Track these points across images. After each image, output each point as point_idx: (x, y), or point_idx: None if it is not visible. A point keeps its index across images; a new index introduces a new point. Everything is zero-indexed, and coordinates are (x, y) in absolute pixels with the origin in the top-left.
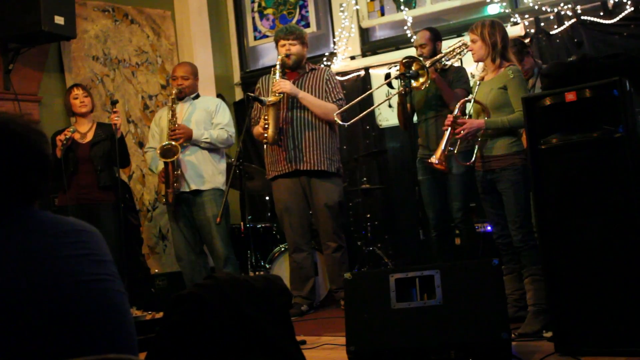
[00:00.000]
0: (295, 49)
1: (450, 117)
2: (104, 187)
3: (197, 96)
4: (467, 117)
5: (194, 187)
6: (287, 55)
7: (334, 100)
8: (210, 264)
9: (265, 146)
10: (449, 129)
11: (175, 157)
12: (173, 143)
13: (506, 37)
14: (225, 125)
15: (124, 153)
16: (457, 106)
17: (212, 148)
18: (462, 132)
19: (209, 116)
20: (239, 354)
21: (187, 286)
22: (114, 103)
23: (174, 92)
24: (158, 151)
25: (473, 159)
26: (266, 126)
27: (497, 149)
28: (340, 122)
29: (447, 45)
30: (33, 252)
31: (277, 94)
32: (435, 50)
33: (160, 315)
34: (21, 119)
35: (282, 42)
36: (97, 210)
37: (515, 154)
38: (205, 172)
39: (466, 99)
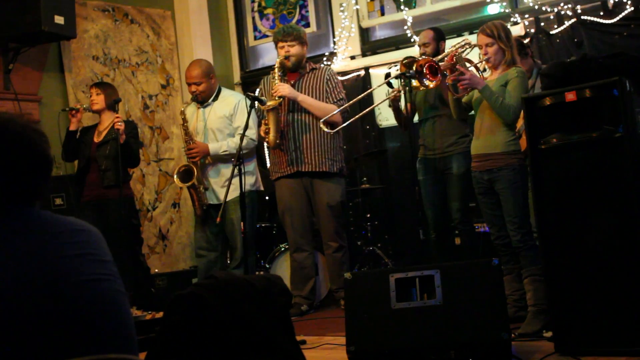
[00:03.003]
0: (295, 50)
1: (455, 51)
2: (108, 186)
3: (218, 94)
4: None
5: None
6: (287, 57)
7: (335, 100)
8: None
9: (266, 147)
10: (452, 60)
11: (193, 179)
12: (189, 165)
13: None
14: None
15: (132, 153)
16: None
17: (233, 156)
18: (464, 75)
19: (228, 120)
20: (238, 353)
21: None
22: (116, 102)
23: (183, 108)
24: (176, 177)
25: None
26: (267, 131)
27: (494, 147)
28: (326, 130)
29: (449, 45)
30: (33, 252)
31: (276, 98)
32: (438, 50)
33: (160, 315)
34: (21, 119)
35: (280, 43)
36: (105, 207)
37: (513, 153)
38: (233, 180)
39: (476, 63)
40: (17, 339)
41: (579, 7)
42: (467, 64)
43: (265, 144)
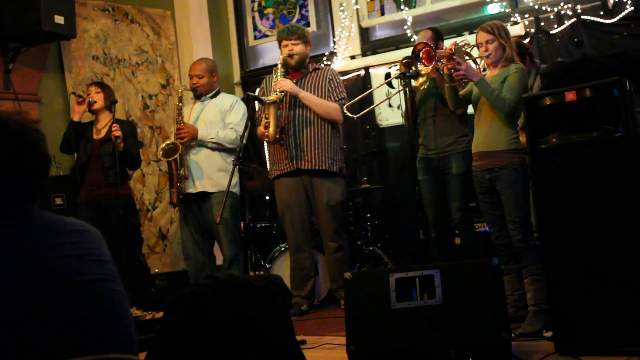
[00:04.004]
0: (298, 48)
1: (455, 44)
2: (111, 184)
3: (217, 94)
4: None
5: (201, 189)
6: (290, 55)
7: (336, 99)
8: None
9: (266, 146)
10: (451, 51)
11: (176, 155)
12: (175, 142)
13: None
14: (235, 125)
15: (132, 158)
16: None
17: (220, 148)
18: (461, 66)
19: (222, 115)
20: (239, 354)
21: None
22: (113, 103)
23: (182, 89)
24: (160, 151)
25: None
26: (267, 125)
27: (496, 145)
28: (350, 115)
29: (448, 45)
30: (33, 252)
31: (277, 93)
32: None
33: (160, 315)
34: (18, 117)
35: (284, 42)
36: (105, 206)
37: (514, 152)
38: (215, 174)
39: (474, 58)
40: (16, 339)
41: (579, 6)
42: (466, 57)
43: (265, 143)
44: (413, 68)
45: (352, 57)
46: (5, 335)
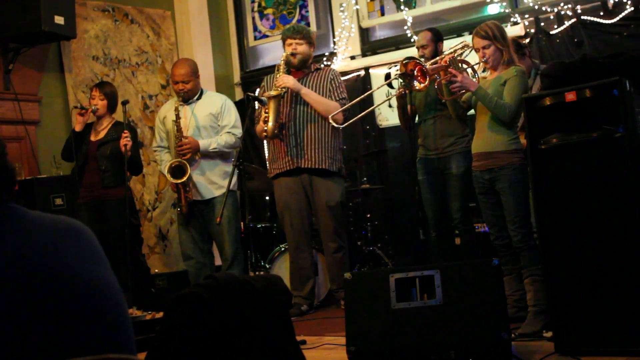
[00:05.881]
0: (302, 48)
1: (450, 56)
2: (106, 187)
3: (201, 94)
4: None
5: (207, 197)
6: (293, 54)
7: (337, 99)
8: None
9: (266, 144)
10: (446, 63)
11: (185, 177)
12: (181, 161)
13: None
14: (231, 128)
15: (138, 165)
16: (461, 55)
17: (220, 154)
18: (456, 78)
19: (215, 118)
20: (238, 354)
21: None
22: (124, 103)
23: (177, 105)
24: (168, 172)
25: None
26: (266, 120)
27: (495, 146)
28: (335, 125)
29: (448, 45)
30: (32, 252)
31: (279, 89)
32: (437, 51)
33: (160, 315)
34: None
35: (289, 41)
36: (104, 207)
37: (514, 152)
38: (216, 179)
39: (472, 65)
40: (16, 339)
41: (579, 7)
42: (464, 66)
43: (265, 142)
44: (409, 89)
45: (352, 58)
46: (4, 335)
